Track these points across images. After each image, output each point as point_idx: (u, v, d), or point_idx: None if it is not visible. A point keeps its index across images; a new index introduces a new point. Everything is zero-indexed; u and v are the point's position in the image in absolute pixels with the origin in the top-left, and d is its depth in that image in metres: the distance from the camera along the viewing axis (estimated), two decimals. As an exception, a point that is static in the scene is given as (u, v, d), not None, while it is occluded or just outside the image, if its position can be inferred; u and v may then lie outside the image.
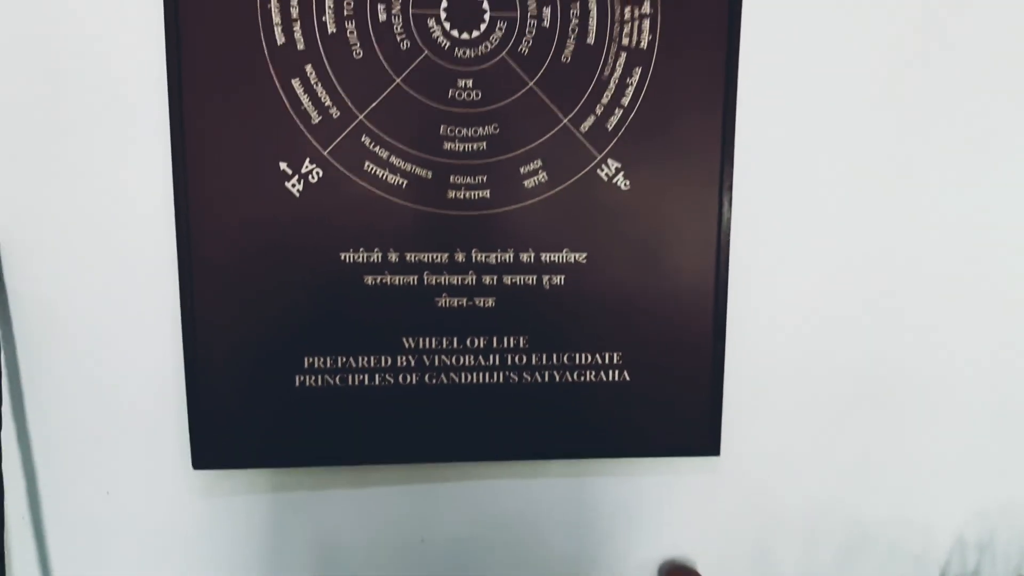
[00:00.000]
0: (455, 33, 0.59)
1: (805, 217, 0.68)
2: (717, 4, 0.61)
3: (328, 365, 0.61)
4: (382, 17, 0.58)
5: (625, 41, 0.61)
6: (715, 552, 0.72)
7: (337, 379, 0.61)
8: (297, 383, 0.61)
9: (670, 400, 0.66)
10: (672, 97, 0.62)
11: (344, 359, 0.61)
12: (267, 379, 0.61)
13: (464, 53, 0.59)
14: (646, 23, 0.61)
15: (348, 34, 0.58)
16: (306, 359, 0.61)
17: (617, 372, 0.65)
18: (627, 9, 0.60)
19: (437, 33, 0.59)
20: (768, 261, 0.68)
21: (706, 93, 0.63)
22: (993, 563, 0.76)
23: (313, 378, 0.61)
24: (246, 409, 0.61)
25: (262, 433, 0.61)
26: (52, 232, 0.59)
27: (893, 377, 0.71)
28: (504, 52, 0.60)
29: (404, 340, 0.62)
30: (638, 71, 0.61)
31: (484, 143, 0.60)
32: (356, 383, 0.62)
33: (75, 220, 0.59)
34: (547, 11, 0.60)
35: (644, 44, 0.61)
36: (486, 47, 0.60)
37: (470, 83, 0.60)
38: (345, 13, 0.58)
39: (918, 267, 0.69)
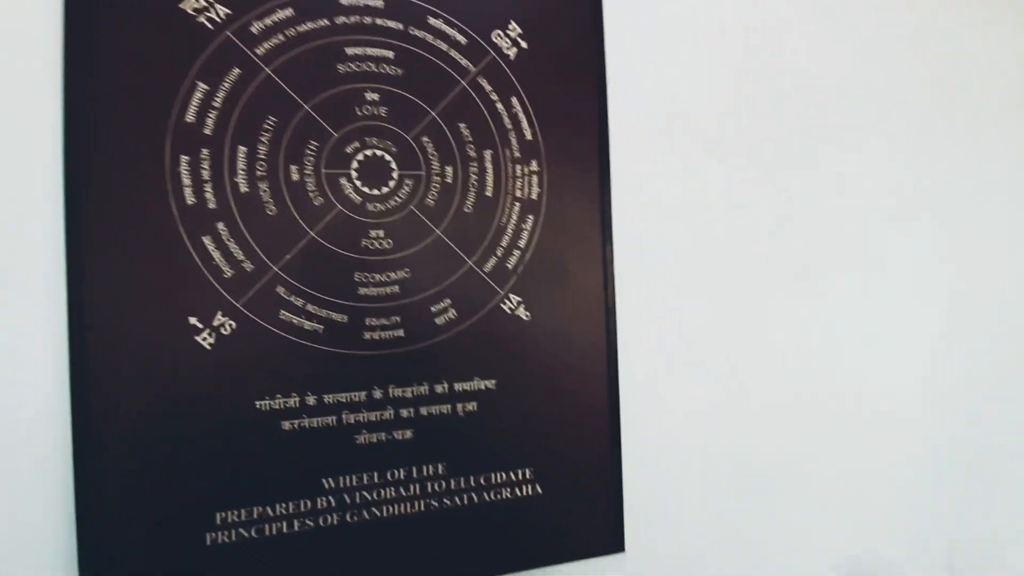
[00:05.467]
0: (366, 190, 0.65)
1: (684, 332, 0.80)
2: (589, 162, 0.74)
3: (243, 518, 0.60)
4: (295, 177, 0.62)
5: (519, 193, 0.70)
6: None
7: (253, 531, 0.60)
8: (208, 541, 0.59)
9: (579, 506, 0.72)
10: (561, 238, 0.72)
11: (260, 509, 0.60)
12: (172, 543, 0.58)
13: (375, 207, 0.65)
14: (535, 178, 0.71)
15: (261, 192, 0.61)
16: (218, 515, 0.59)
17: (530, 487, 0.70)
18: (518, 167, 0.70)
19: (349, 190, 0.64)
20: (654, 372, 0.78)
21: (589, 233, 0.73)
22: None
23: (226, 534, 0.59)
24: (149, 578, 0.57)
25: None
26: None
27: (762, 471, 0.83)
28: (412, 205, 0.66)
29: (324, 481, 0.62)
30: (531, 218, 0.71)
31: (397, 287, 0.65)
32: (274, 532, 0.61)
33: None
34: (449, 169, 0.68)
35: (535, 195, 0.71)
36: (395, 201, 0.66)
37: (382, 233, 0.65)
38: (258, 174, 0.61)
39: (779, 383, 0.84)
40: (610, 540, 0.74)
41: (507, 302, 0.70)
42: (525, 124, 0.71)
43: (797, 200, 0.86)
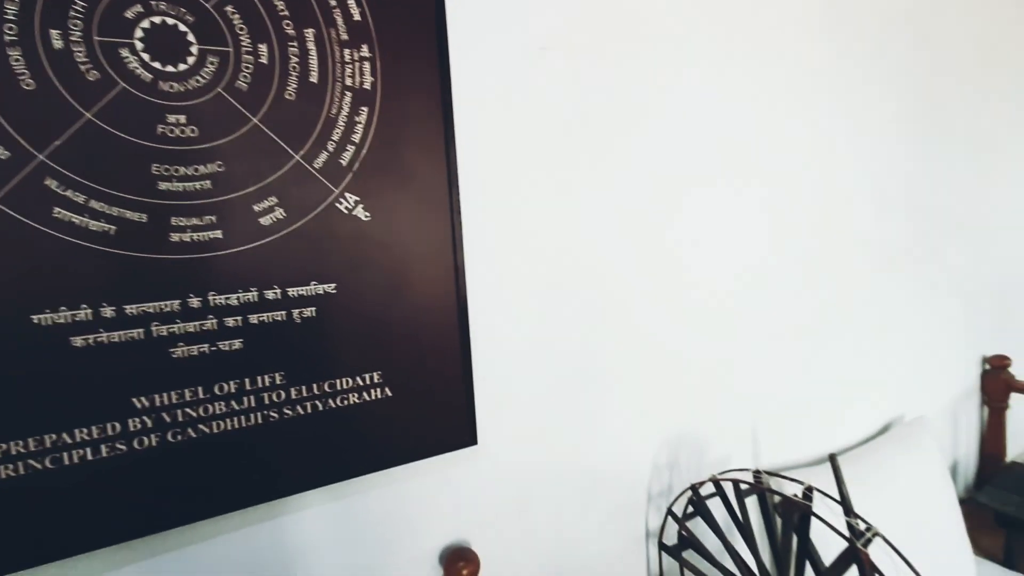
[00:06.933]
0: (157, 65, 0.55)
1: (525, 226, 0.81)
2: (427, 49, 0.69)
3: (32, 448, 0.52)
4: (57, 44, 0.51)
5: (349, 82, 0.64)
6: (485, 525, 0.82)
7: (47, 461, 0.52)
8: (-13, 478, 0.50)
9: (430, 405, 0.73)
10: (400, 133, 0.68)
11: (54, 437, 0.53)
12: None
13: (172, 87, 0.56)
14: (367, 65, 0.65)
15: (12, 61, 0.49)
16: (-3, 447, 0.50)
17: (379, 390, 0.69)
18: (347, 52, 0.64)
19: (134, 64, 0.54)
20: (498, 270, 0.80)
21: (430, 128, 0.70)
22: (680, 478, 1.03)
23: (10, 468, 0.51)
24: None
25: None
26: None
27: (597, 358, 0.90)
28: (220, 87, 0.58)
29: (135, 401, 0.56)
30: (365, 110, 0.66)
31: (208, 182, 0.58)
32: (76, 460, 0.54)
33: None
34: (264, 47, 0.60)
35: (368, 85, 0.66)
36: (198, 81, 0.57)
37: (183, 119, 0.56)
38: (6, 39, 0.49)
39: (610, 277, 0.90)
40: (463, 435, 0.76)
41: (343, 201, 0.65)
42: (352, 1, 0.64)
43: (631, 93, 0.90)
